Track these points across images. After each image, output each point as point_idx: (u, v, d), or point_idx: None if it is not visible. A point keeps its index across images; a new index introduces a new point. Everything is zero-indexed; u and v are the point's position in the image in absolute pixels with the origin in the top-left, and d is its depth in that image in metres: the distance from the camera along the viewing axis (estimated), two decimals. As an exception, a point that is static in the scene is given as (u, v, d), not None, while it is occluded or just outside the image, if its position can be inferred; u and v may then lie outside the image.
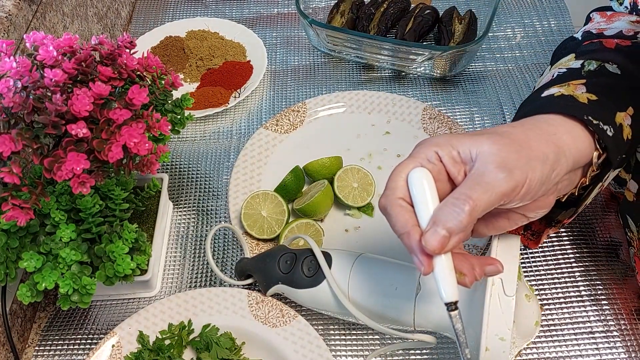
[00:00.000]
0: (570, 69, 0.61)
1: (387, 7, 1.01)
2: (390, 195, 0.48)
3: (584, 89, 0.55)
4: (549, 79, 0.61)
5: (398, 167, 0.49)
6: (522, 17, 1.06)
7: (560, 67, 0.63)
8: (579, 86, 0.56)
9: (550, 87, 0.58)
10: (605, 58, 0.60)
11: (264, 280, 0.67)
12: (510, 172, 0.45)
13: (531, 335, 0.56)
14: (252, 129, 0.91)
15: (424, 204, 0.46)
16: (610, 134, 0.51)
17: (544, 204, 0.51)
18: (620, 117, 0.54)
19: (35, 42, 0.58)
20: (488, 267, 0.48)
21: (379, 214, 0.79)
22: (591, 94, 0.54)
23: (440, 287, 0.45)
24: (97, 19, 1.00)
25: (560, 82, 0.58)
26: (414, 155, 0.49)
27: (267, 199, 0.77)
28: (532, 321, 0.56)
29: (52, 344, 0.71)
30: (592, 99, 0.54)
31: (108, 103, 0.56)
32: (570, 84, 0.57)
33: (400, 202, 0.47)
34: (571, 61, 0.63)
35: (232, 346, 0.65)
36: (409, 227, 0.46)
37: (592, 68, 0.59)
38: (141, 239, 0.66)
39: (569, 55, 0.64)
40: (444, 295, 0.45)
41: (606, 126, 0.52)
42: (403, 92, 0.94)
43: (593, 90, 0.55)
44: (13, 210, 0.52)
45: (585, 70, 0.59)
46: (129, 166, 0.57)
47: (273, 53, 1.03)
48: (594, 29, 0.67)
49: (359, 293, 0.61)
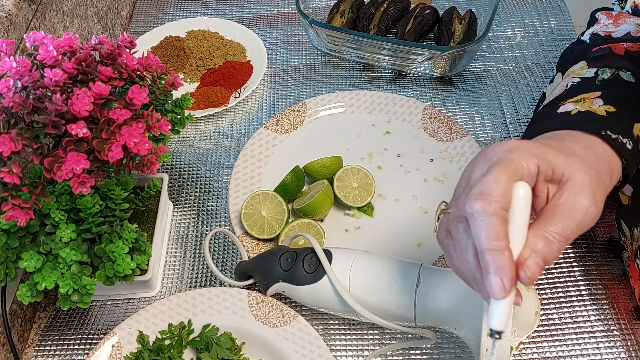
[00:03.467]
0: (584, 78, 0.60)
1: (387, 7, 1.01)
2: (494, 203, 0.42)
3: (600, 102, 0.55)
4: (562, 89, 0.61)
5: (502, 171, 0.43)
6: (522, 17, 1.06)
7: (573, 75, 0.62)
8: (595, 100, 0.56)
9: (566, 102, 0.57)
10: (618, 65, 0.60)
11: (264, 279, 0.67)
12: (598, 210, 0.44)
13: (531, 325, 0.57)
14: (252, 129, 0.91)
15: (521, 226, 0.43)
16: (630, 147, 0.52)
17: None
18: (638, 128, 0.54)
19: (35, 42, 0.58)
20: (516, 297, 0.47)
21: (378, 214, 0.79)
22: (609, 106, 0.54)
23: (497, 314, 0.43)
24: (97, 19, 1.00)
25: (575, 94, 0.58)
26: (515, 161, 0.44)
27: (267, 199, 0.77)
28: (532, 311, 0.56)
29: (52, 344, 0.70)
30: (610, 110, 0.54)
31: (108, 103, 0.56)
32: (585, 99, 0.56)
33: (503, 212, 0.42)
34: (584, 69, 0.62)
35: (232, 346, 0.65)
36: (503, 244, 0.42)
37: (606, 77, 0.59)
38: (141, 239, 0.66)
39: (580, 62, 0.64)
40: (497, 324, 0.43)
41: (625, 139, 0.52)
42: (403, 92, 0.94)
43: (610, 102, 0.55)
44: (13, 210, 0.52)
45: (599, 80, 0.59)
46: (129, 166, 0.57)
47: (273, 53, 1.03)
48: (601, 32, 0.67)
49: (359, 288, 0.61)
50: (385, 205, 0.79)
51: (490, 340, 0.45)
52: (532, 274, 0.42)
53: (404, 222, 0.77)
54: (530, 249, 0.43)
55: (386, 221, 0.78)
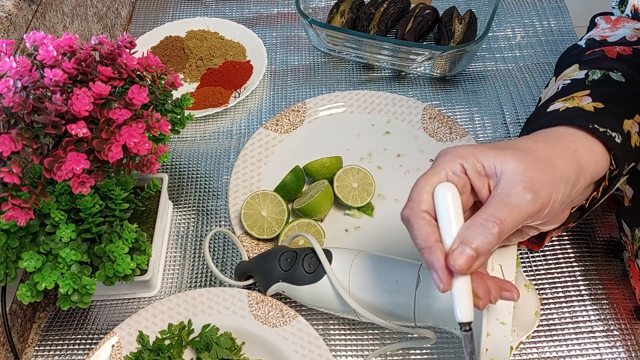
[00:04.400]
0: (574, 79, 0.61)
1: (387, 7, 1.01)
2: (415, 208, 0.47)
3: (589, 99, 0.55)
4: (554, 91, 0.61)
5: (423, 179, 0.48)
6: (522, 17, 1.06)
7: (565, 78, 0.63)
8: (584, 97, 0.56)
9: (555, 102, 0.57)
10: (609, 67, 0.60)
11: (264, 279, 0.67)
12: (536, 194, 0.45)
13: (531, 325, 0.57)
14: (252, 129, 0.91)
15: (448, 221, 0.46)
16: (619, 141, 0.51)
17: (558, 219, 0.52)
18: (628, 124, 0.53)
19: (35, 42, 0.58)
20: (505, 292, 0.48)
21: (378, 214, 0.79)
22: (597, 102, 0.54)
23: (457, 307, 0.45)
24: (97, 19, 1.00)
25: (565, 95, 0.58)
26: (438, 166, 0.48)
27: (267, 199, 0.77)
28: (532, 311, 0.56)
29: (52, 344, 0.70)
30: (598, 106, 0.54)
31: (108, 103, 0.56)
32: (574, 97, 0.56)
33: (425, 215, 0.46)
34: (575, 72, 0.62)
35: (232, 346, 0.65)
36: (431, 242, 0.45)
37: (596, 77, 0.59)
38: (141, 239, 0.66)
39: (573, 65, 0.64)
40: (459, 316, 0.45)
41: (614, 133, 0.52)
42: (403, 92, 0.94)
43: (598, 99, 0.55)
44: (13, 210, 0.52)
45: (589, 80, 0.59)
46: (129, 166, 0.57)
47: (273, 53, 1.03)
48: (597, 36, 0.67)
49: (359, 288, 0.61)
50: (385, 205, 0.79)
51: (463, 334, 0.46)
52: (459, 264, 0.44)
53: (403, 222, 0.77)
54: (459, 239, 0.45)
55: (386, 221, 0.78)
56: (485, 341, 0.51)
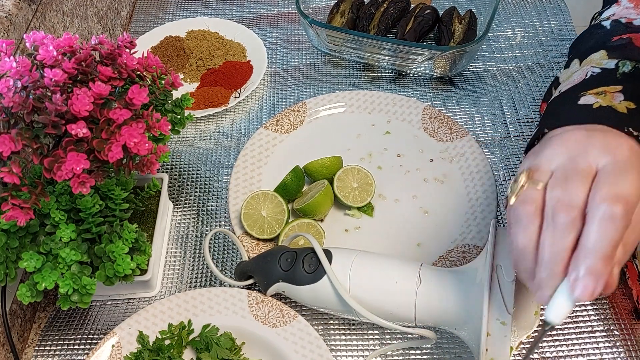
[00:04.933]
0: (604, 69, 0.60)
1: (387, 7, 1.01)
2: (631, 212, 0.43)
3: (621, 97, 0.55)
4: (582, 77, 0.61)
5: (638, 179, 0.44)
6: (522, 17, 1.06)
7: (593, 65, 0.62)
8: (616, 94, 0.56)
9: (587, 93, 0.57)
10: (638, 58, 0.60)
11: (264, 279, 0.67)
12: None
13: (531, 325, 0.57)
14: (252, 129, 0.91)
15: None
16: None
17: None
18: None
19: (35, 42, 0.58)
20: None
21: (378, 214, 0.79)
22: (629, 102, 0.54)
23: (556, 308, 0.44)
24: (97, 19, 1.00)
25: (596, 86, 0.58)
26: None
27: (267, 199, 0.77)
28: (532, 311, 0.56)
29: (52, 344, 0.70)
30: (631, 107, 0.54)
31: (108, 103, 0.56)
32: (607, 92, 0.56)
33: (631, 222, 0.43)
34: (604, 59, 0.62)
35: (232, 346, 0.65)
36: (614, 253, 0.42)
37: (626, 70, 0.59)
38: (141, 239, 0.66)
39: (600, 51, 0.63)
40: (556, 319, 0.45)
41: None
42: (403, 92, 0.94)
43: (631, 98, 0.55)
44: (13, 210, 0.52)
45: (620, 73, 0.59)
46: (129, 166, 0.57)
47: (273, 53, 1.03)
48: (623, 18, 0.66)
49: (359, 288, 0.61)
50: (385, 205, 0.79)
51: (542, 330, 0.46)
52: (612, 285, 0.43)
53: (404, 222, 0.77)
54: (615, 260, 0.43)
55: (386, 221, 0.78)
56: (485, 341, 0.51)
